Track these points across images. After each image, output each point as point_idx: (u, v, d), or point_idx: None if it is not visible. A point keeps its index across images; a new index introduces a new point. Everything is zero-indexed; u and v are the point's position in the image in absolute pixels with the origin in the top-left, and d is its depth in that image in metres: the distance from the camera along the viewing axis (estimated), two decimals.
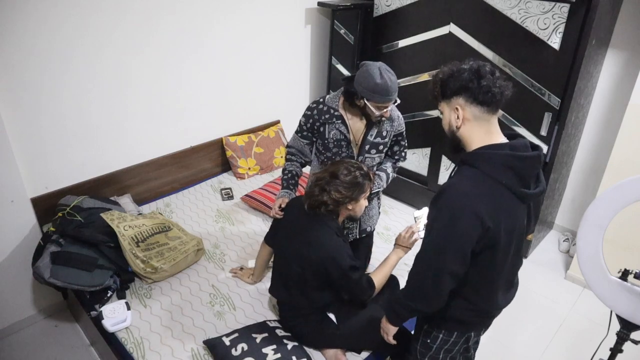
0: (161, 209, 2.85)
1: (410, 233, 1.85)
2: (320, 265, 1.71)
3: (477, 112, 1.27)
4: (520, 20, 2.64)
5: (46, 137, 2.40)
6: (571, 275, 3.04)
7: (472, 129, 1.30)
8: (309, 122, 2.02)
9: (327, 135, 1.99)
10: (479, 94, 1.24)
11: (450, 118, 1.32)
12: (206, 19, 2.84)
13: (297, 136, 2.10)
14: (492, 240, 1.28)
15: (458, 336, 1.51)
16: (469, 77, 1.24)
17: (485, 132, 1.29)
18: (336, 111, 1.97)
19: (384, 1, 3.27)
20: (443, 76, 1.29)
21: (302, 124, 2.05)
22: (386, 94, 1.81)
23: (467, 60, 1.30)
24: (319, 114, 1.99)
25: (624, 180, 1.45)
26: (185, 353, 1.88)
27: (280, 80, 3.50)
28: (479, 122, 1.28)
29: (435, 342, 1.54)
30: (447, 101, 1.31)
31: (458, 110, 1.29)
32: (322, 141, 2.02)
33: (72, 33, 2.32)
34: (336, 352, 1.85)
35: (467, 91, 1.25)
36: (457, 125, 1.30)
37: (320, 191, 1.71)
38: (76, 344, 2.46)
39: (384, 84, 1.79)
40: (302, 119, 2.04)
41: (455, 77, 1.26)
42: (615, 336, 1.61)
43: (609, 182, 2.66)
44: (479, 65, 1.26)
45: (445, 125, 1.36)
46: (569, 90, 2.58)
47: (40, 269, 2.05)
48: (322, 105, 2.00)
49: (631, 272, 1.49)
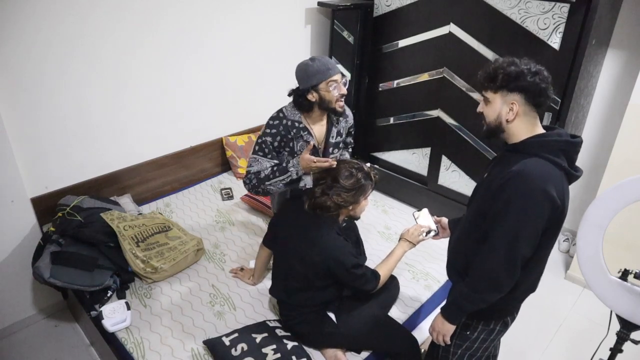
0: (161, 209, 2.85)
1: (419, 231, 1.86)
2: (324, 266, 1.72)
3: (528, 110, 1.37)
4: (520, 20, 2.64)
5: (46, 137, 2.40)
6: (571, 275, 3.04)
7: (520, 123, 1.38)
8: (277, 140, 1.95)
9: (296, 148, 1.97)
10: (537, 96, 1.34)
11: (502, 110, 1.38)
12: (206, 18, 2.84)
13: (262, 159, 1.95)
14: (559, 218, 1.37)
15: (495, 324, 1.56)
16: (533, 80, 1.32)
17: (530, 125, 1.39)
18: (300, 123, 1.97)
19: (384, 1, 3.27)
20: (508, 69, 1.34)
21: (268, 143, 1.94)
22: (328, 67, 1.87)
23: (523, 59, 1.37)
24: (285, 129, 1.95)
25: (624, 180, 1.45)
26: (185, 353, 1.88)
27: (280, 80, 3.50)
28: (528, 118, 1.38)
29: (474, 333, 1.57)
30: (504, 94, 1.37)
31: (513, 105, 1.36)
32: (292, 156, 1.97)
33: (72, 33, 2.32)
34: (336, 351, 1.85)
35: (528, 92, 1.34)
36: (509, 118, 1.38)
37: (322, 194, 1.71)
38: (76, 344, 2.46)
39: (319, 62, 1.87)
40: (267, 138, 1.93)
41: (520, 76, 1.33)
42: (615, 336, 1.61)
43: (609, 182, 2.66)
44: (539, 68, 1.35)
45: (493, 114, 1.41)
46: (569, 90, 2.57)
47: (40, 269, 2.05)
48: (285, 120, 1.96)
49: (631, 272, 1.49)
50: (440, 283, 2.31)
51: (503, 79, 1.35)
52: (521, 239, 1.34)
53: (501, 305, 1.49)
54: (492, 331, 1.58)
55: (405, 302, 2.16)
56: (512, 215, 1.33)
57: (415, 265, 2.42)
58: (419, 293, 2.23)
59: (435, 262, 2.44)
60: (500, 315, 1.56)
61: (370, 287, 1.80)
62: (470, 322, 1.58)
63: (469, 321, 1.58)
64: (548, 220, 1.34)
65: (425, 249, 2.53)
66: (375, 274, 1.80)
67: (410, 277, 2.32)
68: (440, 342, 1.59)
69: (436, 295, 2.26)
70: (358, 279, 1.75)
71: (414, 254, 2.49)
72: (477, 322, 1.57)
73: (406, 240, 1.89)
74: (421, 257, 2.49)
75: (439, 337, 1.58)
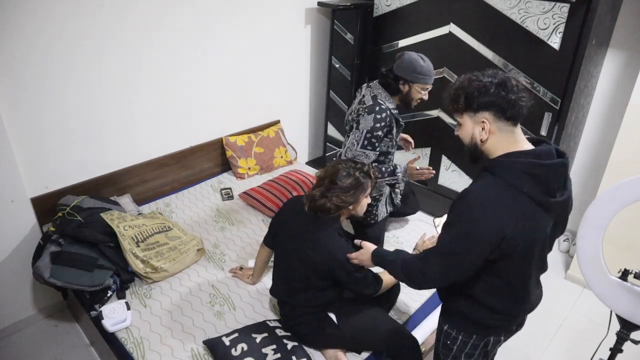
0: (161, 209, 2.85)
1: (431, 241, 1.84)
2: (325, 267, 1.71)
3: (502, 125, 1.27)
4: (520, 20, 2.64)
5: (46, 137, 2.40)
6: (571, 275, 3.04)
7: (496, 141, 1.29)
8: (384, 131, 2.10)
9: (395, 135, 2.20)
10: (508, 109, 1.23)
11: (474, 131, 1.30)
12: (207, 18, 2.84)
13: (370, 152, 2.11)
14: (507, 249, 1.26)
15: (477, 339, 1.50)
16: (497, 93, 1.23)
17: (509, 142, 1.29)
18: (395, 110, 2.16)
19: (384, 1, 3.27)
20: (469, 89, 1.27)
21: (380, 137, 2.10)
22: (430, 75, 2.10)
23: (486, 71, 1.28)
24: (391, 118, 2.12)
25: (624, 180, 1.45)
26: (185, 353, 1.88)
27: (280, 80, 3.50)
28: (504, 133, 1.28)
29: (455, 343, 1.53)
30: (471, 114, 1.29)
31: (484, 124, 1.27)
32: (393, 142, 2.22)
33: (73, 34, 2.31)
34: (336, 352, 1.85)
35: (495, 107, 1.24)
36: (482, 138, 1.29)
37: (321, 196, 1.70)
38: (76, 344, 2.46)
39: (427, 66, 2.08)
40: (379, 133, 2.07)
41: (482, 92, 1.24)
42: (615, 336, 1.61)
43: (609, 182, 2.67)
44: (503, 78, 1.25)
45: (467, 137, 1.33)
46: (569, 90, 2.58)
47: (40, 269, 2.05)
48: (389, 111, 2.12)
49: (631, 272, 1.49)
50: None
51: (465, 100, 1.27)
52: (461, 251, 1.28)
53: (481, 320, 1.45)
54: (475, 346, 1.51)
55: (406, 302, 2.16)
56: (452, 235, 1.30)
57: None
58: (419, 293, 2.23)
59: None
60: (481, 331, 1.49)
61: (371, 291, 1.79)
62: (451, 331, 1.53)
63: (450, 331, 1.54)
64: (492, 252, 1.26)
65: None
66: (377, 278, 1.79)
67: None
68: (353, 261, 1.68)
69: (436, 295, 2.25)
70: (358, 282, 1.75)
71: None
72: (457, 332, 1.52)
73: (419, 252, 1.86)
74: None
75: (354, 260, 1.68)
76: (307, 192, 1.80)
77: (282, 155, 3.43)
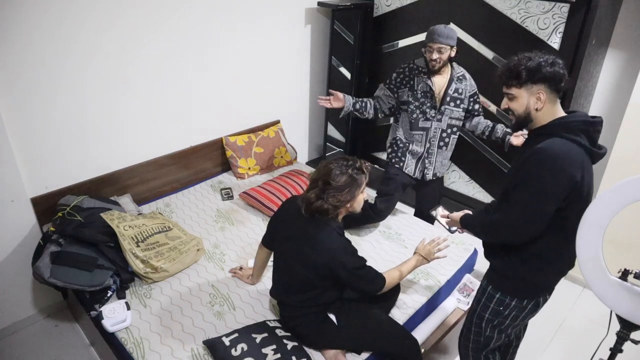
0: (161, 209, 2.85)
1: (435, 249, 1.94)
2: (326, 268, 1.70)
3: (552, 96, 1.54)
4: (520, 20, 2.64)
5: (46, 137, 2.40)
6: (571, 275, 3.04)
7: (546, 110, 1.55)
8: (399, 77, 2.56)
9: (416, 87, 2.50)
10: (559, 82, 1.51)
11: (530, 101, 1.54)
12: (206, 18, 2.84)
13: (384, 87, 2.62)
14: (575, 196, 1.50)
15: (528, 302, 1.67)
16: (552, 69, 1.49)
17: (554, 110, 1.56)
18: (424, 69, 2.49)
19: (384, 1, 3.27)
20: (529, 64, 1.50)
21: (393, 78, 2.59)
22: (432, 34, 2.35)
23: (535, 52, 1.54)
24: (409, 71, 2.53)
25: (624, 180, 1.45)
26: (185, 353, 1.88)
27: (280, 80, 3.51)
28: (551, 103, 1.54)
29: (507, 308, 1.69)
30: (529, 87, 1.53)
31: (540, 94, 1.52)
32: (412, 92, 2.52)
33: (72, 32, 2.31)
34: (336, 352, 1.85)
35: (550, 81, 1.50)
36: (538, 107, 1.54)
37: (317, 198, 1.68)
38: (76, 344, 2.46)
39: (435, 28, 2.35)
40: (394, 74, 2.58)
41: (540, 68, 1.49)
42: (615, 336, 1.61)
43: (609, 182, 2.67)
44: (553, 58, 1.51)
45: (521, 107, 1.56)
46: (569, 90, 2.58)
47: (40, 269, 2.05)
48: (412, 65, 2.54)
49: (631, 272, 1.49)
50: (440, 283, 2.31)
51: (527, 74, 1.50)
52: (537, 202, 1.49)
53: (537, 280, 1.64)
54: (524, 309, 1.69)
55: (406, 303, 2.16)
56: (532, 183, 1.49)
57: None
58: (420, 293, 2.23)
59: (435, 262, 2.44)
60: (535, 292, 1.67)
61: (373, 288, 1.79)
62: (504, 298, 1.69)
63: (503, 298, 1.70)
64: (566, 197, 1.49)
65: None
66: (379, 276, 1.79)
67: (411, 277, 2.32)
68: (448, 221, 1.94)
69: (436, 295, 2.26)
70: (360, 279, 1.74)
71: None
72: (510, 299, 1.68)
73: (420, 255, 1.93)
74: None
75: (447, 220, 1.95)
76: (301, 195, 1.78)
77: (282, 155, 3.43)
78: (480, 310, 1.80)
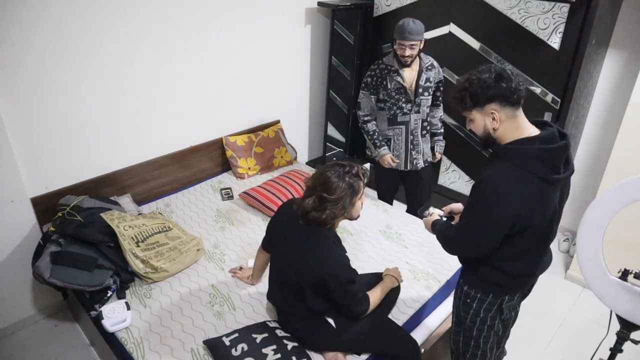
0: (161, 209, 2.85)
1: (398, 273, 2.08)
2: (318, 278, 1.68)
3: (509, 112, 1.42)
4: (520, 20, 2.64)
5: (46, 137, 2.40)
6: (571, 275, 3.04)
7: (506, 127, 1.45)
8: (373, 80, 2.66)
9: (389, 86, 2.61)
10: (510, 96, 1.39)
11: (485, 123, 1.46)
12: (206, 18, 2.84)
13: (366, 93, 2.72)
14: (524, 225, 1.45)
15: (493, 298, 1.67)
16: (498, 85, 1.38)
17: (516, 127, 1.45)
18: (392, 67, 2.59)
19: (384, 1, 3.27)
20: (471, 88, 1.42)
21: (367, 82, 2.69)
22: (402, 32, 2.42)
23: (480, 67, 1.44)
24: (380, 71, 2.63)
25: (624, 181, 1.45)
26: (185, 353, 1.88)
27: (280, 80, 3.51)
28: (511, 119, 1.44)
29: (474, 301, 1.70)
30: (480, 109, 1.45)
31: (494, 114, 1.43)
32: (386, 91, 2.63)
33: (72, 32, 2.31)
34: (336, 354, 1.84)
35: (499, 97, 1.40)
36: (494, 127, 1.45)
37: (314, 209, 1.66)
38: (76, 344, 2.46)
39: (403, 24, 2.42)
40: (367, 79, 2.68)
41: (485, 88, 1.40)
42: (615, 336, 1.61)
43: (609, 182, 2.67)
44: (498, 71, 1.40)
45: (480, 129, 1.49)
46: (569, 90, 2.58)
47: (40, 269, 2.05)
48: (382, 64, 2.64)
49: (631, 272, 1.50)
50: (440, 283, 2.30)
51: (471, 98, 1.43)
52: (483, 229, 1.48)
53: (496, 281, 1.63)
54: (491, 303, 1.68)
55: (406, 303, 2.16)
56: (479, 211, 1.48)
57: (415, 265, 2.42)
58: (419, 293, 2.23)
59: (435, 262, 2.44)
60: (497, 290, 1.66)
61: (361, 309, 1.77)
62: (470, 291, 1.71)
63: (469, 290, 1.71)
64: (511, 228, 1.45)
65: (426, 248, 2.54)
66: (366, 297, 1.79)
67: (411, 277, 2.32)
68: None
69: (436, 295, 2.25)
70: (350, 296, 1.72)
71: (414, 253, 2.49)
72: (475, 291, 1.69)
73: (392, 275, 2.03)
74: (421, 257, 2.49)
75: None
76: (297, 203, 1.74)
77: (282, 155, 3.43)
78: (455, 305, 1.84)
